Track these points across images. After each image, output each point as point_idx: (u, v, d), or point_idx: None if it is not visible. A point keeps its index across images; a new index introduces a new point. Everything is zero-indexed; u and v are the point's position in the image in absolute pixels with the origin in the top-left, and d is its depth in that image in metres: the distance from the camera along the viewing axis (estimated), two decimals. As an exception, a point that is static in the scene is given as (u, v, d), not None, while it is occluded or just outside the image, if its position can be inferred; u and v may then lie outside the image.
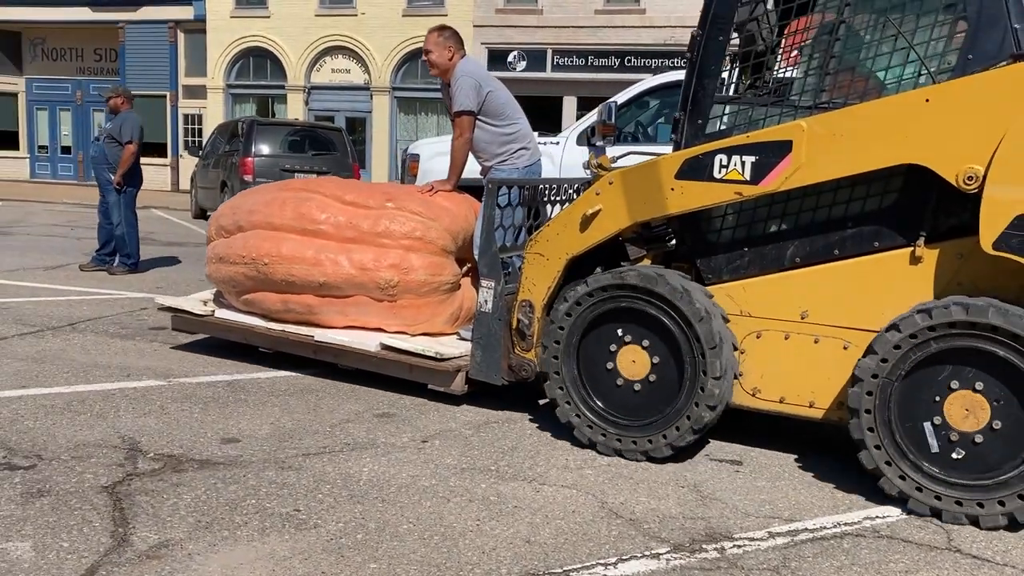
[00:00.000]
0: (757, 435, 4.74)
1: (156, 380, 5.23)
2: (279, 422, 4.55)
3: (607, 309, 4.33)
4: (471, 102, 5.33)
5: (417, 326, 5.21)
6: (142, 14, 27.14)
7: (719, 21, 4.31)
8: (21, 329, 6.46)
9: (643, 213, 4.37)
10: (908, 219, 4.09)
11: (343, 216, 5.17)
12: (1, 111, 29.63)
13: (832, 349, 4.16)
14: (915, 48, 4.11)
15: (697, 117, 4.37)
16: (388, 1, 25.06)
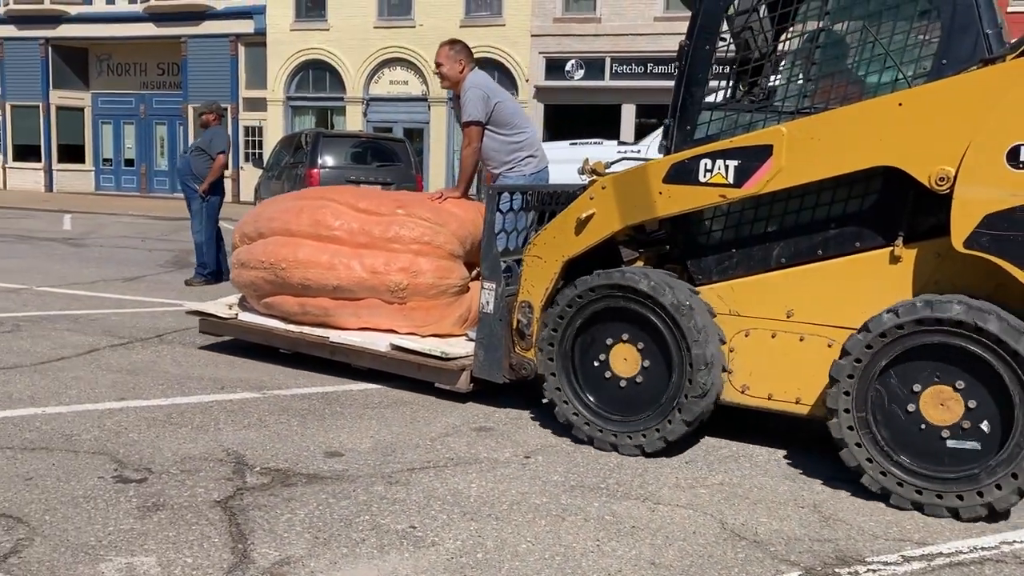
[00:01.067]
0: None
1: (251, 392, 5.39)
2: (379, 436, 4.67)
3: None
4: (479, 113, 5.80)
5: (427, 327, 5.62)
6: (204, 28, 28.27)
7: (705, 32, 4.66)
8: (111, 340, 6.71)
9: (633, 216, 4.72)
10: (887, 220, 4.36)
11: (356, 223, 5.64)
12: (69, 125, 31.16)
13: (817, 347, 4.43)
14: (891, 54, 4.40)
15: (686, 123, 4.71)
16: (446, 12, 25.63)
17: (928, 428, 3.99)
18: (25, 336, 6.78)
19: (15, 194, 28.98)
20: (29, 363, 5.91)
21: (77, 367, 5.88)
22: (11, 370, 5.72)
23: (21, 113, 30.93)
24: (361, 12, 26.48)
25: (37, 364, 5.90)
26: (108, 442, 4.40)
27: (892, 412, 4.05)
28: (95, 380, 5.57)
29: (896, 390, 4.04)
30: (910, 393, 4.01)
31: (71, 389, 5.34)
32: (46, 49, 30.20)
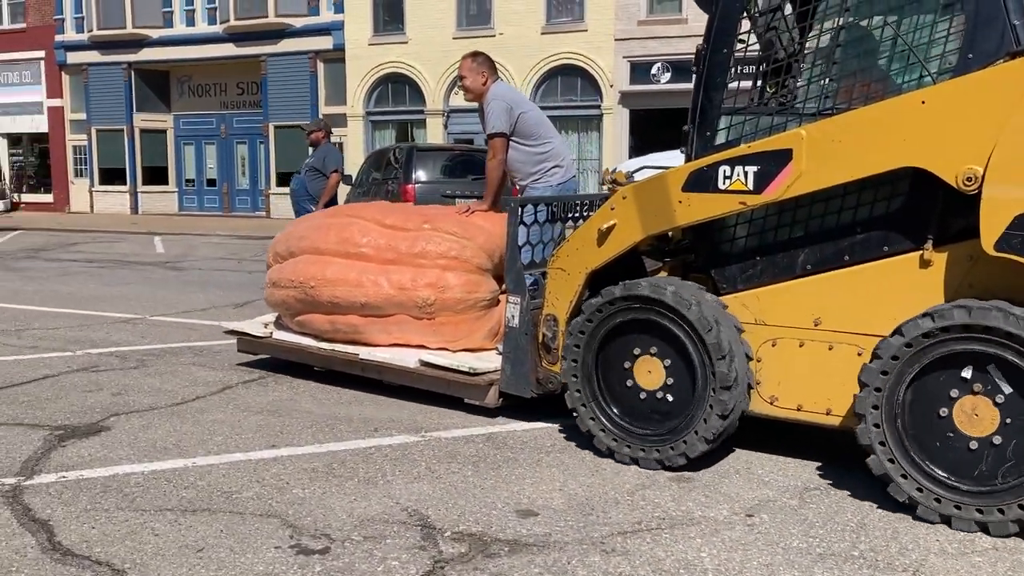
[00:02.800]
0: None
1: (408, 435, 5.24)
2: (568, 488, 4.42)
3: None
4: (503, 124, 6.01)
5: (457, 342, 5.83)
6: (283, 46, 29.17)
7: (723, 35, 4.76)
8: (242, 375, 6.67)
9: (655, 226, 4.83)
10: (915, 223, 4.37)
11: (383, 239, 5.90)
12: (152, 147, 32.51)
13: (846, 356, 4.45)
14: (914, 50, 4.44)
15: (705, 129, 4.81)
16: (526, 20, 25.90)
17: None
18: (153, 372, 6.79)
19: (102, 217, 30.43)
20: (165, 404, 5.87)
21: (215, 408, 5.80)
22: (148, 412, 5.68)
23: (106, 137, 32.38)
24: (440, 23, 26.94)
25: (173, 405, 5.85)
26: (273, 501, 4.19)
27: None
28: (239, 424, 5.45)
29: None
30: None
31: (216, 435, 5.22)
32: (129, 73, 31.58)
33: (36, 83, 33.30)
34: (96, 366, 7.01)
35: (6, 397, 6.02)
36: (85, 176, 33.33)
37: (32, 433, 5.21)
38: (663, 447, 4.68)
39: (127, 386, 6.32)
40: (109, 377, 6.62)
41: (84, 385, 6.36)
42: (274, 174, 30.30)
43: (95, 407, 5.76)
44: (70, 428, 5.31)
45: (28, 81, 33.41)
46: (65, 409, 5.72)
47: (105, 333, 8.54)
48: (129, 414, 5.64)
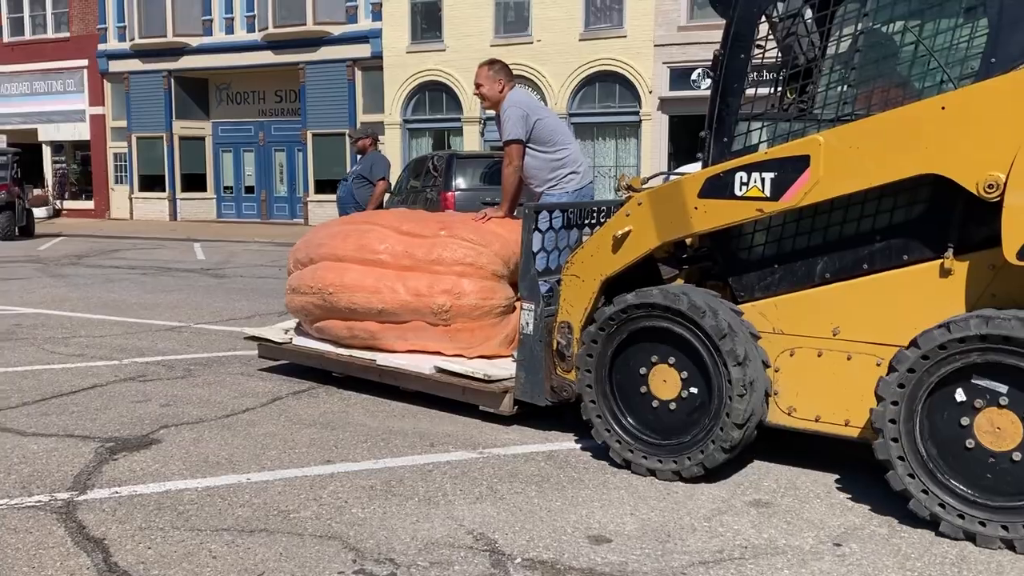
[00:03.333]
0: None
1: (466, 451, 5.13)
2: (640, 513, 4.25)
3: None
4: (519, 131, 6.04)
5: (473, 349, 5.86)
6: (321, 54, 29.45)
7: (740, 40, 4.74)
8: (291, 386, 6.62)
9: (670, 233, 4.82)
10: (936, 231, 4.32)
11: (400, 246, 5.95)
12: (191, 154, 32.99)
13: (865, 366, 4.40)
14: (935, 55, 4.39)
15: (722, 135, 4.79)
16: (564, 26, 25.94)
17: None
18: (200, 383, 6.78)
19: (142, 224, 30.93)
20: (214, 416, 5.84)
21: (266, 420, 5.75)
22: (198, 425, 5.65)
23: (146, 144, 32.87)
24: (477, 31, 27.06)
25: (223, 417, 5.80)
26: (332, 521, 4.09)
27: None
28: (291, 437, 5.38)
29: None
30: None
31: (269, 449, 5.15)
32: (169, 81, 32.05)
33: (79, 91, 33.91)
34: (143, 375, 7.03)
35: (56, 407, 6.04)
36: (125, 183, 33.91)
37: (83, 445, 5.19)
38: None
39: (175, 397, 6.33)
40: (157, 387, 6.64)
41: (132, 395, 6.38)
42: (312, 181, 30.60)
43: (144, 418, 5.75)
44: (121, 440, 5.29)
45: (71, 89, 34.03)
46: (115, 420, 5.71)
47: (151, 341, 8.61)
48: (179, 426, 5.61)
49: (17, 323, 9.63)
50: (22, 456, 5.00)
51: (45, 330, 9.20)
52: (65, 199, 35.53)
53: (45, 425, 5.59)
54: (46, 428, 5.53)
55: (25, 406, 6.06)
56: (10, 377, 6.94)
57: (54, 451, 5.09)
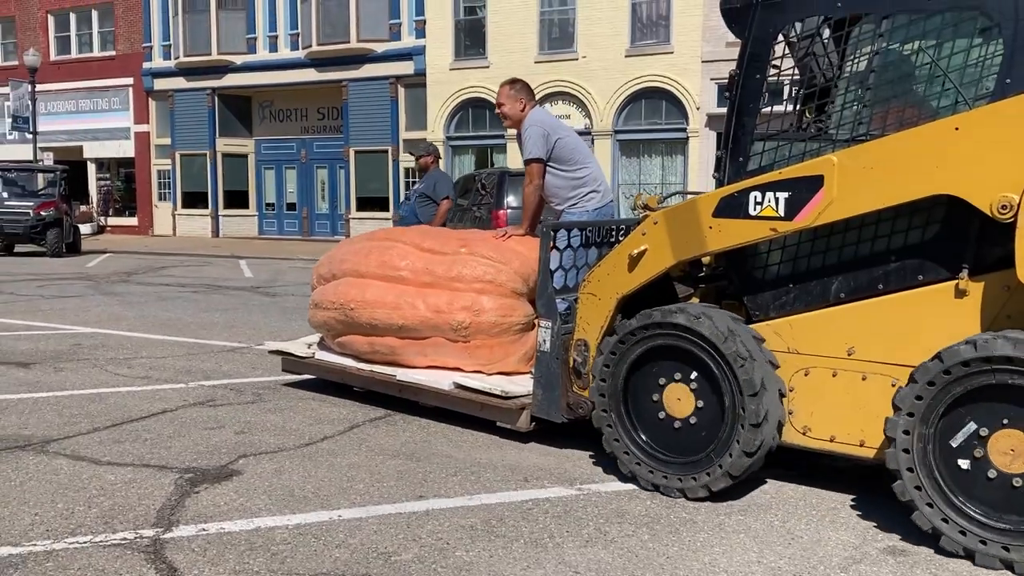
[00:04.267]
0: None
1: (563, 487, 4.97)
2: (766, 560, 4.06)
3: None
4: (540, 150, 6.20)
5: (492, 365, 6.00)
6: (365, 72, 29.88)
7: (756, 60, 4.86)
8: (367, 412, 6.51)
9: (685, 252, 4.93)
10: (951, 251, 4.40)
11: (421, 262, 6.13)
12: (234, 171, 33.59)
13: (880, 386, 4.48)
14: (949, 75, 4.48)
15: (738, 155, 4.91)
16: (610, 43, 26.08)
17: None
18: (272, 408, 6.69)
19: (185, 240, 31.56)
20: (293, 444, 5.73)
21: (347, 450, 5.62)
22: (277, 455, 5.53)
23: (189, 161, 33.60)
24: (521, 47, 27.30)
25: (302, 446, 5.69)
26: (437, 565, 3.93)
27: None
28: (377, 469, 5.24)
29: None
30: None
31: (356, 482, 5.01)
32: (213, 98, 32.71)
33: (124, 109, 34.71)
34: (212, 400, 6.96)
35: (128, 434, 5.95)
36: (168, 200, 34.61)
37: (161, 476, 5.08)
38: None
39: (249, 423, 6.24)
40: (229, 413, 6.55)
41: (204, 421, 6.30)
42: (354, 198, 31.01)
43: (221, 447, 5.66)
44: (199, 471, 5.18)
45: (117, 107, 34.85)
46: (190, 449, 5.61)
47: (215, 363, 8.56)
48: (258, 456, 5.49)
49: (77, 343, 9.68)
50: (100, 488, 4.87)
51: (106, 351, 9.21)
52: (109, 215, 36.35)
53: (120, 454, 5.50)
54: (121, 457, 5.43)
55: (96, 432, 5.97)
56: (77, 401, 6.88)
57: (132, 482, 4.96)
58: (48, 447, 5.63)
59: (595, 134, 26.80)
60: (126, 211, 36.15)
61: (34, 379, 7.68)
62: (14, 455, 5.46)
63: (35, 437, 5.84)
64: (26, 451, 5.54)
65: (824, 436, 4.69)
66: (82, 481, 4.99)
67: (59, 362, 8.50)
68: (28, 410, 6.56)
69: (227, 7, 31.76)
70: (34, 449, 5.58)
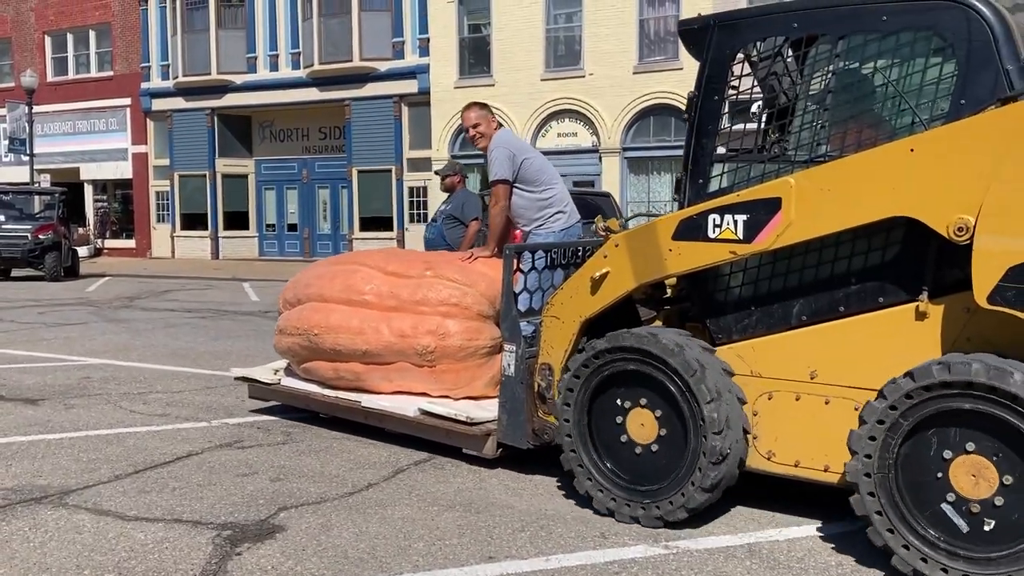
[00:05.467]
0: None
1: (648, 545, 4.65)
2: None
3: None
4: (506, 171, 6.35)
5: (458, 390, 6.09)
6: (367, 91, 30.14)
7: (714, 81, 4.98)
8: (410, 456, 6.20)
9: (646, 275, 5.02)
10: (910, 273, 4.48)
11: (386, 286, 6.23)
12: (234, 192, 33.86)
13: (843, 410, 4.54)
14: (904, 96, 4.58)
15: (698, 176, 5.01)
16: (618, 60, 26.23)
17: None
18: (306, 450, 6.39)
19: (184, 262, 31.75)
20: (336, 494, 5.40)
21: (397, 499, 5.30)
22: (321, 506, 5.18)
23: (189, 182, 33.89)
24: (527, 65, 27.49)
25: (346, 496, 5.36)
26: None
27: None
28: (435, 524, 4.89)
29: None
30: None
31: (414, 540, 4.65)
32: (212, 119, 33.02)
33: (122, 130, 35.08)
34: (240, 440, 6.65)
35: (154, 482, 5.62)
36: (167, 221, 34.89)
37: (196, 534, 4.71)
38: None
39: (284, 468, 5.90)
40: (260, 456, 6.22)
41: (235, 466, 5.96)
42: (357, 219, 31.20)
43: (257, 497, 5.32)
44: (238, 527, 4.81)
45: (114, 128, 35.23)
46: (224, 500, 5.26)
47: (236, 397, 8.15)
48: (300, 507, 5.14)
49: (86, 375, 9.41)
50: (130, 549, 4.51)
51: (117, 384, 8.92)
52: (107, 238, 36.70)
53: (147, 506, 5.15)
54: (149, 510, 5.08)
55: (119, 480, 5.64)
56: (94, 443, 6.55)
57: (165, 542, 4.59)
58: (67, 499, 5.28)
59: (603, 152, 26.97)
60: (123, 233, 36.48)
61: (44, 418, 7.39)
62: (31, 509, 5.10)
63: (52, 487, 5.49)
64: (43, 504, 5.18)
65: (788, 461, 4.75)
66: (108, 541, 4.61)
67: (69, 398, 8.23)
68: (41, 454, 6.25)
69: (227, 26, 32.13)
70: (52, 502, 5.23)
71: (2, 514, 5.02)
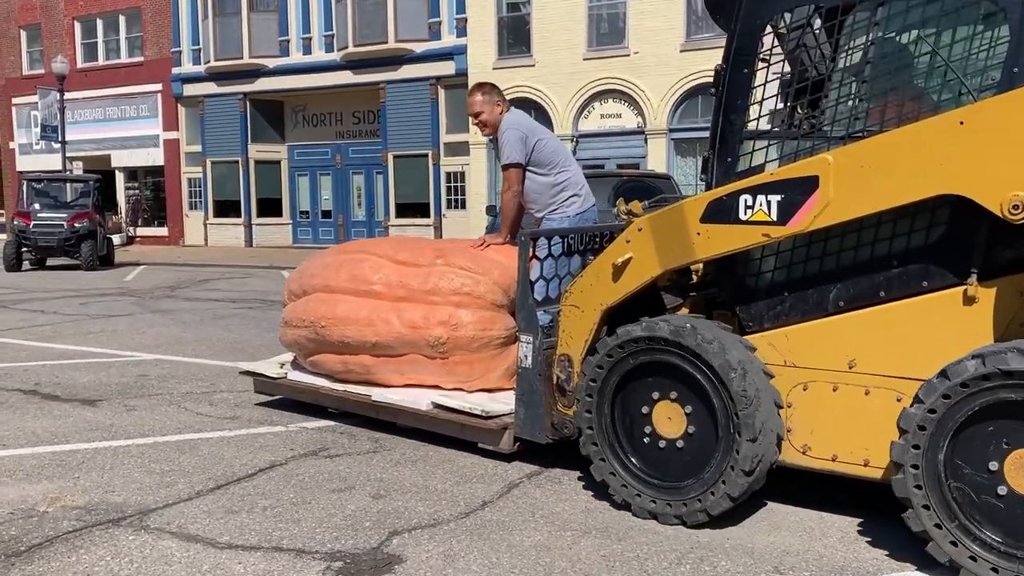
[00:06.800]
0: None
1: None
2: None
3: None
4: (518, 154, 6.18)
5: (472, 382, 5.95)
6: (403, 73, 30.02)
7: (743, 54, 4.76)
8: (520, 468, 5.63)
9: (672, 260, 4.82)
10: (958, 255, 4.26)
11: (395, 276, 6.08)
12: (266, 179, 33.94)
13: (884, 401, 4.36)
14: (952, 66, 4.35)
15: (726, 155, 4.81)
16: (664, 37, 25.85)
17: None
18: (400, 459, 5.86)
19: (218, 250, 31.87)
20: (450, 514, 4.86)
21: (520, 521, 4.78)
22: (436, 529, 4.64)
23: (221, 169, 34.05)
24: (569, 44, 27.22)
25: (462, 516, 4.85)
26: None
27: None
28: (574, 553, 4.38)
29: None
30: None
31: (555, 573, 4.17)
32: (244, 104, 33.10)
33: (153, 116, 35.26)
34: (324, 448, 6.12)
35: (241, 499, 5.11)
36: (199, 209, 35.10)
37: (303, 567, 4.19)
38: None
39: (384, 483, 5.39)
40: (351, 467, 5.70)
41: (327, 479, 5.45)
42: (393, 205, 31.17)
43: (362, 518, 4.80)
44: (349, 557, 4.30)
45: (145, 114, 35.43)
46: (325, 522, 4.74)
47: None
48: (413, 532, 4.62)
49: (142, 373, 9.02)
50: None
51: (177, 382, 8.50)
52: (138, 226, 36.97)
53: (239, 530, 4.63)
54: (242, 535, 4.55)
55: (201, 498, 5.13)
56: (164, 451, 6.08)
57: (268, 575, 4.14)
58: (148, 520, 4.78)
59: (648, 133, 26.68)
60: (155, 221, 36.76)
61: (106, 421, 6.95)
62: (108, 533, 4.58)
63: (128, 505, 5.00)
64: (122, 527, 4.68)
65: (825, 455, 4.57)
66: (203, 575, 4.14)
67: (128, 398, 7.80)
68: (109, 464, 5.78)
69: (259, 9, 32.13)
70: (131, 524, 4.72)
71: (79, 539, 4.53)
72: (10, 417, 7.09)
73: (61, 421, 6.97)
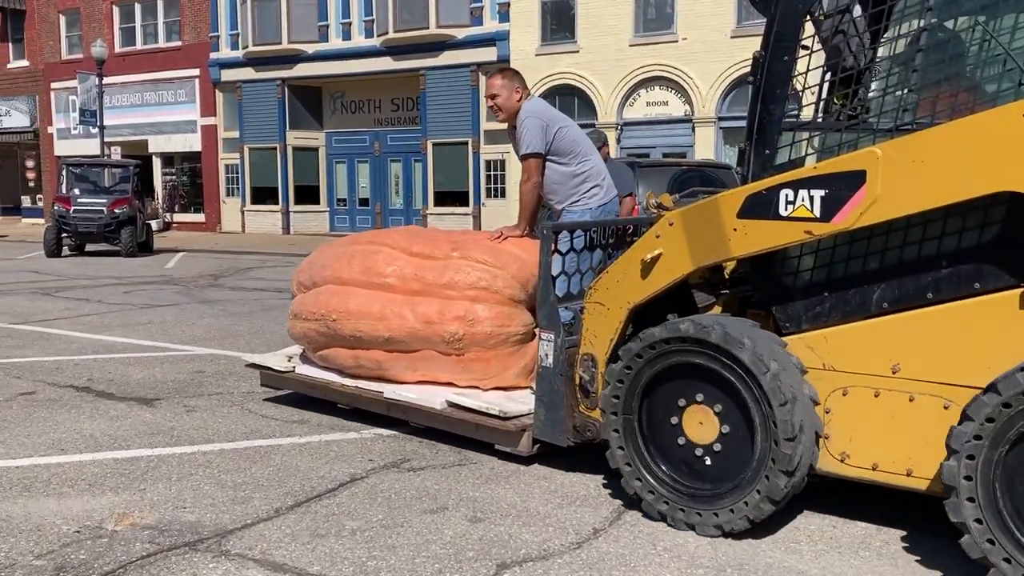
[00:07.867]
0: None
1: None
2: None
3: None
4: (539, 144, 5.99)
5: (488, 380, 5.78)
6: (444, 59, 29.94)
7: (783, 40, 4.53)
8: (618, 485, 4.96)
9: (706, 257, 4.61)
10: (1014, 255, 4.04)
11: (409, 268, 5.92)
12: (304, 166, 34.05)
13: (931, 409, 4.15)
14: (1012, 53, 4.11)
15: (764, 147, 4.57)
16: (714, 23, 25.56)
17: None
18: (491, 475, 5.45)
19: (255, 237, 32.04)
20: (560, 544, 4.45)
21: (643, 556, 4.34)
22: (550, 564, 4.21)
23: (259, 155, 34.18)
24: (614, 30, 27.02)
25: (575, 548, 4.42)
26: None
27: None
28: None
29: None
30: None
31: None
32: (283, 90, 33.16)
33: (190, 101, 35.47)
34: (406, 459, 5.74)
35: (325, 520, 4.72)
36: (236, 195, 35.28)
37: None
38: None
39: (478, 503, 4.98)
40: (438, 482, 5.31)
41: (416, 497, 5.06)
42: (432, 193, 31.13)
43: (463, 547, 4.38)
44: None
45: (183, 100, 35.64)
46: (424, 550, 4.33)
47: None
48: (523, 565, 4.18)
49: (198, 370, 8.65)
50: None
51: (236, 381, 8.03)
52: (175, 212, 37.21)
53: (330, 559, 4.22)
54: (334, 565, 4.14)
55: (281, 517, 4.74)
56: (233, 460, 5.73)
57: None
58: (227, 544, 4.39)
59: (696, 121, 26.45)
60: (191, 207, 36.98)
61: (166, 424, 6.59)
62: (187, 560, 4.18)
63: (203, 525, 4.62)
64: (200, 552, 4.29)
65: (865, 464, 4.37)
66: (293, 615, 3.80)
67: (187, 398, 7.43)
68: (175, 475, 5.43)
69: (298, -7, 32.13)
70: (210, 548, 4.33)
71: (155, 566, 4.12)
72: (65, 417, 6.79)
73: (119, 423, 6.63)
